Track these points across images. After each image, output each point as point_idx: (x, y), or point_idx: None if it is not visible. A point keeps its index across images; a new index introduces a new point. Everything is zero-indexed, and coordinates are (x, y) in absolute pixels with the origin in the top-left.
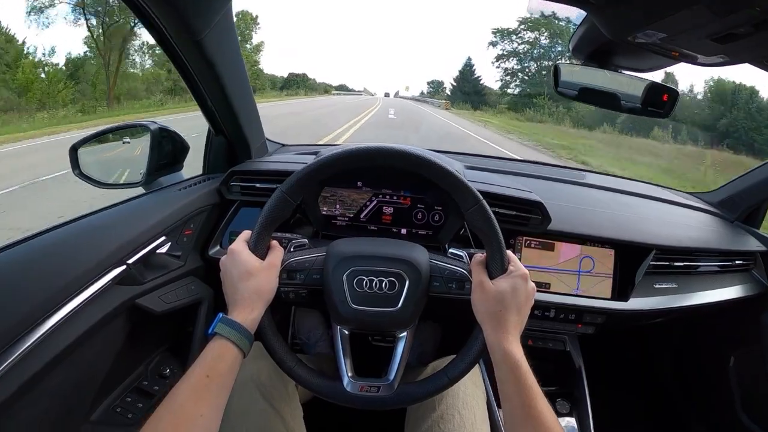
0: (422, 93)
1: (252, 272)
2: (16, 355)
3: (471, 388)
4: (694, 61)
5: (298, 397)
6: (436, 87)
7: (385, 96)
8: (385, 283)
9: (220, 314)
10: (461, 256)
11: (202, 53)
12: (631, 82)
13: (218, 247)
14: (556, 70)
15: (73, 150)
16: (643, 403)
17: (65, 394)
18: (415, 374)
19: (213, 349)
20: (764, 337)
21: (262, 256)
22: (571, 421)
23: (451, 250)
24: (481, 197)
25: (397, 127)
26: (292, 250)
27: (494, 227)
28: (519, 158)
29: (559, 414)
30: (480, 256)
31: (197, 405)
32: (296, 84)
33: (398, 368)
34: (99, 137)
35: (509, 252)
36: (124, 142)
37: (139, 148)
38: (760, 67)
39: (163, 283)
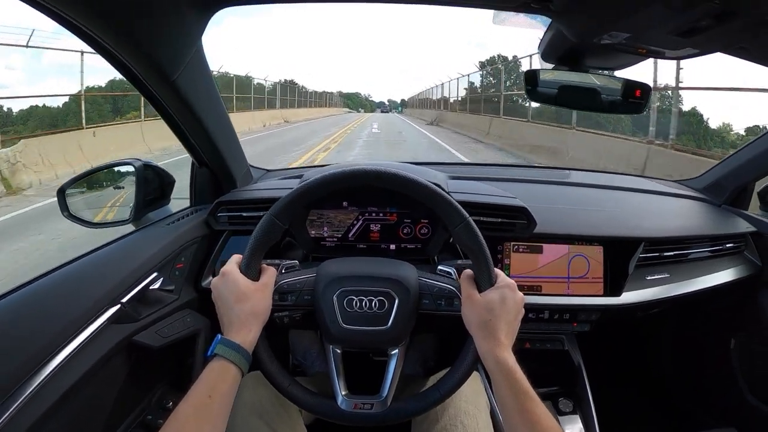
0: None
1: (247, 294)
2: (19, 401)
3: (473, 397)
4: (662, 56)
5: (302, 420)
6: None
7: (382, 111)
8: (375, 303)
9: (219, 336)
10: (450, 273)
11: (178, 93)
12: (606, 80)
13: (211, 278)
14: (533, 75)
15: (61, 192)
16: (647, 394)
17: None
18: (420, 385)
19: (213, 369)
20: (763, 317)
21: (255, 278)
22: (575, 419)
23: (440, 267)
24: (466, 215)
25: None
26: (283, 272)
27: (481, 244)
28: (502, 164)
29: (562, 413)
30: (468, 271)
31: (200, 424)
32: None
33: (390, 385)
34: (85, 177)
35: (496, 269)
36: (116, 188)
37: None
38: (732, 54)
39: (158, 318)
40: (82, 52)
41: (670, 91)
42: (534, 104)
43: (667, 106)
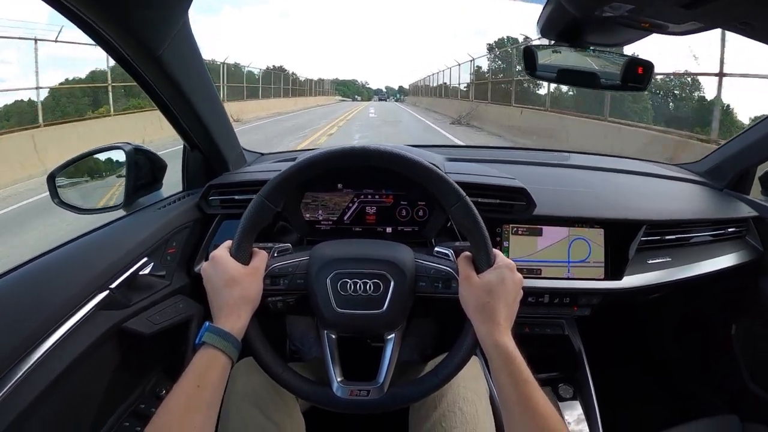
0: None
1: (236, 278)
2: (6, 389)
3: (471, 383)
4: (665, 31)
5: (299, 407)
6: None
7: (379, 99)
8: (370, 285)
9: (207, 323)
10: (447, 254)
11: (164, 69)
12: (607, 58)
13: (203, 263)
14: (531, 53)
15: (51, 178)
16: (648, 380)
17: (61, 425)
18: (418, 372)
19: (202, 358)
20: (764, 302)
21: (245, 262)
22: (575, 405)
23: (436, 248)
24: (463, 193)
25: None
26: (275, 255)
27: (478, 223)
28: (501, 146)
29: (563, 399)
30: (466, 253)
31: (191, 415)
32: None
33: (387, 370)
34: (75, 163)
35: (494, 249)
36: (118, 177)
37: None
38: (735, 31)
39: (149, 304)
40: (36, 40)
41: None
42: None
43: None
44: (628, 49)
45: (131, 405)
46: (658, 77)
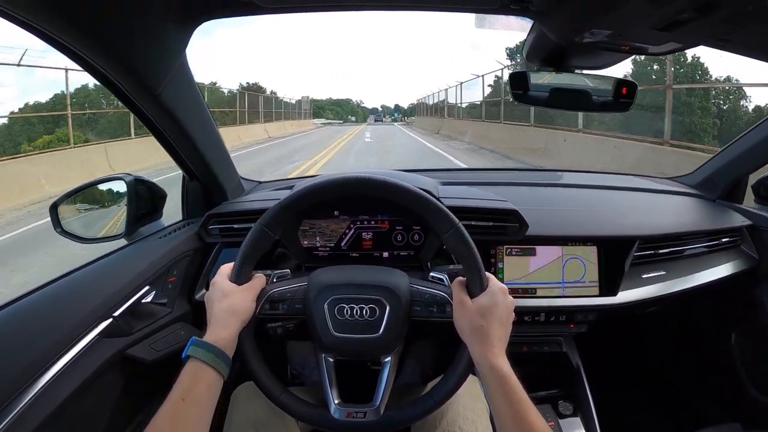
0: None
1: (227, 293)
2: (11, 417)
3: (471, 402)
4: (646, 52)
5: (299, 431)
6: None
7: (376, 120)
8: (366, 310)
9: (193, 338)
10: (442, 279)
11: (163, 106)
12: (596, 81)
13: (204, 291)
14: (523, 78)
15: (54, 208)
16: (648, 393)
17: None
18: (418, 394)
19: (187, 372)
20: (762, 310)
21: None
22: (576, 422)
23: (432, 274)
24: (456, 221)
25: None
26: (274, 281)
27: (471, 249)
28: (495, 168)
29: (563, 416)
30: (460, 278)
31: (176, 428)
32: None
33: (383, 393)
34: (78, 193)
35: (487, 273)
36: (120, 205)
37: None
38: (716, 47)
39: (151, 331)
40: None
41: None
42: None
43: None
44: None
45: (134, 430)
46: None
